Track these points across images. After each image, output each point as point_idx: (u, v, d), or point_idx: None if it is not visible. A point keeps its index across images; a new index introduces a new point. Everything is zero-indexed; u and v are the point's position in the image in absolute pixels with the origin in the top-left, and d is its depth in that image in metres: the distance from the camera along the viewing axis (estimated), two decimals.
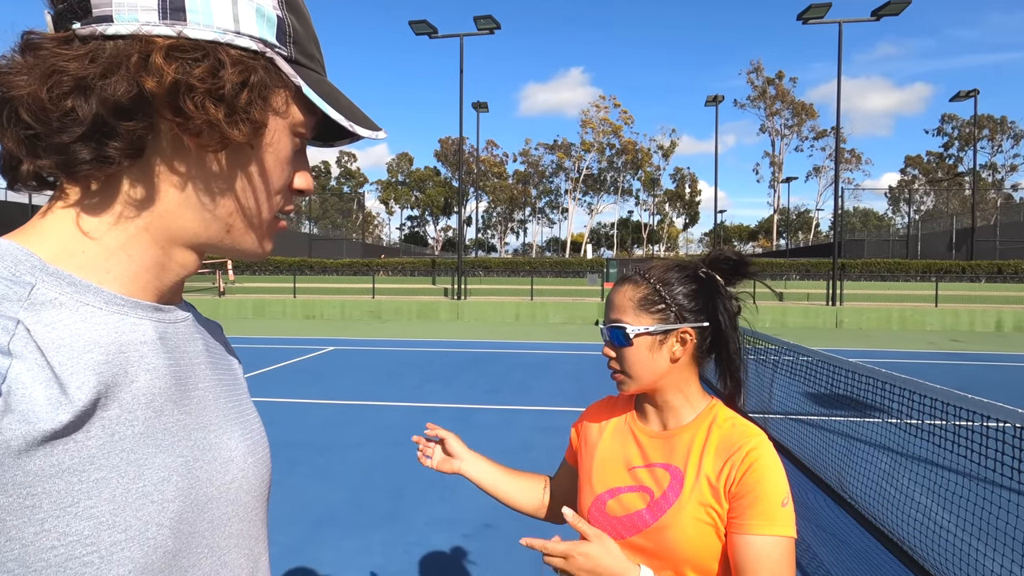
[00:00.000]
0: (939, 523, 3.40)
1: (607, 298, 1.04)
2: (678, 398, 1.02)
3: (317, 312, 18.56)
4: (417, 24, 19.65)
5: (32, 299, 0.42)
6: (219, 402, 0.56)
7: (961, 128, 51.96)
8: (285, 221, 0.57)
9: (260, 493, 0.58)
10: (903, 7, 17.49)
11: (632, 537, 0.97)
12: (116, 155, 0.44)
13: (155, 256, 0.49)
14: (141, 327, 0.48)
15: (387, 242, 62.35)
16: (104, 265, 0.47)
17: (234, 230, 0.51)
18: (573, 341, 12.99)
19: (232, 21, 0.46)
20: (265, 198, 0.52)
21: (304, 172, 0.55)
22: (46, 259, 0.45)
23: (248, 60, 0.46)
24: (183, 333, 0.54)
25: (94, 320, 0.45)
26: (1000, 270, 21.90)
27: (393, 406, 6.58)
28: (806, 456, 4.65)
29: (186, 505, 0.47)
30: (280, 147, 0.51)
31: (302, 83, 0.49)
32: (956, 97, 27.64)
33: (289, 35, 0.49)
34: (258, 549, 0.58)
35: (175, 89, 0.43)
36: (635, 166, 57.35)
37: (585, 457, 1.11)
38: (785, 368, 5.73)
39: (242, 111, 0.46)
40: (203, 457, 0.51)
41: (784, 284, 21.88)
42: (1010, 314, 16.56)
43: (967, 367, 9.93)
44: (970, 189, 33.55)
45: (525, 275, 23.92)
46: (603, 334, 1.03)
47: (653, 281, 1.01)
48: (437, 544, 3.27)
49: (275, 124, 0.50)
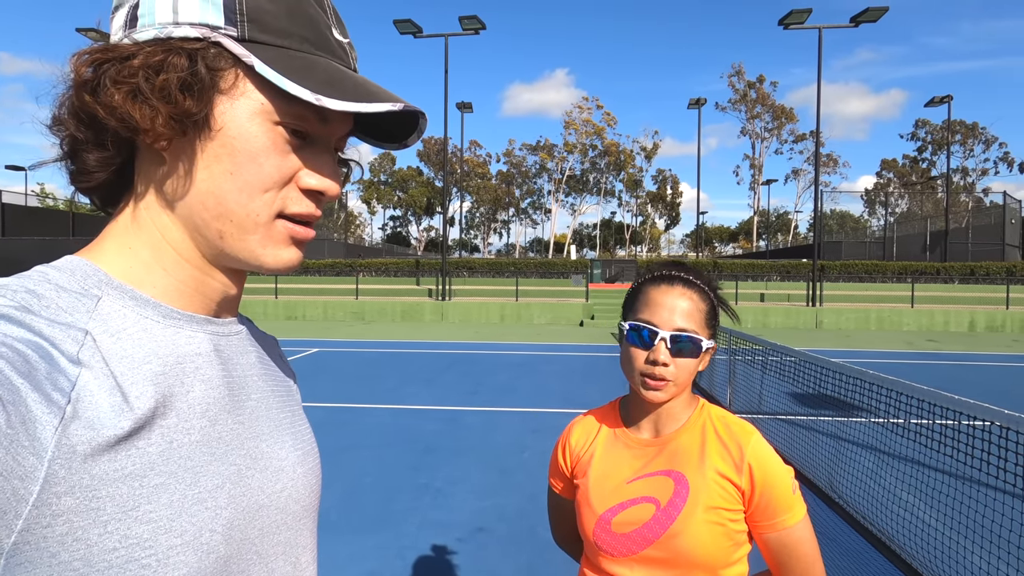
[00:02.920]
0: (925, 520, 3.46)
1: (660, 300, 0.98)
2: (679, 403, 1.02)
3: (299, 313, 18.33)
4: (402, 23, 19.55)
5: (98, 311, 0.44)
6: (271, 412, 0.57)
7: (935, 133, 53.31)
8: (304, 229, 0.51)
9: (309, 503, 0.58)
10: (881, 14, 17.92)
11: (645, 551, 0.95)
12: (92, 166, 0.47)
13: (188, 271, 0.50)
14: (196, 339, 0.50)
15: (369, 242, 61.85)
16: (149, 279, 0.49)
17: (226, 236, 0.48)
18: (558, 342, 13.04)
19: (171, 13, 0.45)
20: (246, 196, 0.47)
21: (315, 171, 0.50)
22: (110, 273, 0.47)
23: (190, 49, 0.45)
24: (236, 346, 0.55)
25: (153, 332, 0.47)
26: (972, 271, 22.50)
27: (379, 408, 6.53)
28: (795, 457, 4.73)
29: (238, 512, 0.48)
30: (246, 136, 0.47)
31: (255, 61, 0.45)
32: (930, 103, 28.34)
33: (240, 13, 0.46)
34: (305, 559, 0.58)
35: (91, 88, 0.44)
36: (618, 167, 57.72)
37: (580, 479, 1.07)
38: (772, 369, 5.82)
39: (157, 96, 0.44)
40: (255, 466, 0.51)
41: (765, 285, 22.21)
42: (983, 314, 17.06)
43: (943, 367, 10.18)
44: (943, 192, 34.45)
45: (510, 276, 23.89)
46: (667, 340, 0.96)
47: (713, 296, 1.03)
48: (430, 548, 3.24)
49: (230, 109, 0.46)
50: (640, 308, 1.00)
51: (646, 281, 1.04)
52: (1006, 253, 26.94)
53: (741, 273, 23.79)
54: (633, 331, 0.99)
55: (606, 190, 60.07)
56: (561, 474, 1.13)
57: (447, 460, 4.74)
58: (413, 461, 4.71)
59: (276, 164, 0.48)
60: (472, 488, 4.12)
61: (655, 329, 0.97)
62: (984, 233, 28.71)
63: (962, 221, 31.40)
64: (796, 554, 0.95)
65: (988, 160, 52.95)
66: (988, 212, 31.16)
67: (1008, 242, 27.27)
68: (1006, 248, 27.11)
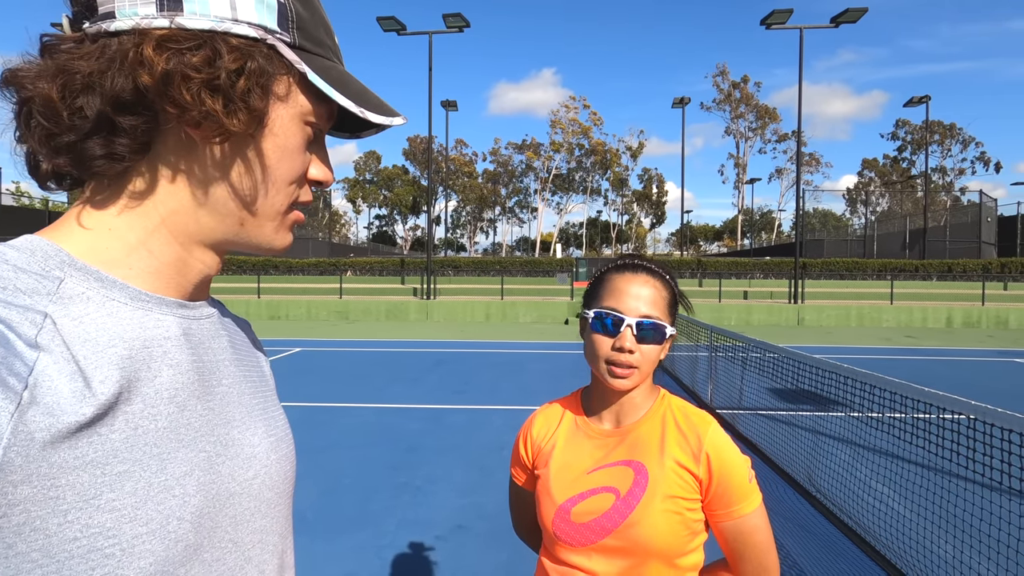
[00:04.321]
0: (897, 511, 3.52)
1: (625, 288, 0.98)
2: (641, 393, 1.03)
3: (283, 312, 18.16)
4: (385, 20, 19.44)
5: (60, 293, 0.43)
6: (243, 398, 0.56)
7: (914, 133, 54.30)
8: (301, 213, 0.56)
9: (284, 490, 0.58)
10: (860, 15, 18.18)
11: (603, 540, 0.95)
12: (123, 151, 0.45)
13: (176, 253, 0.50)
14: (165, 323, 0.49)
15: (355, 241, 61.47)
16: (126, 261, 0.48)
17: (247, 223, 0.51)
18: (544, 340, 13.07)
19: (229, 8, 0.46)
20: (276, 189, 0.51)
21: (320, 163, 0.54)
22: (74, 255, 0.46)
23: (246, 47, 0.46)
24: (208, 329, 0.54)
25: (119, 315, 0.45)
26: (950, 269, 22.95)
27: (362, 407, 6.50)
28: (774, 451, 4.78)
29: (207, 500, 0.47)
30: (288, 136, 0.50)
31: (307, 69, 0.48)
32: (909, 103, 28.85)
33: (292, 20, 0.48)
34: (283, 545, 0.57)
35: (168, 80, 0.43)
36: (604, 166, 57.93)
37: (541, 470, 1.07)
38: (753, 365, 5.88)
39: (239, 99, 0.45)
40: (225, 453, 0.51)
41: (749, 283, 22.45)
42: (959, 311, 17.40)
43: (921, 361, 10.37)
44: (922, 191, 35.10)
45: (495, 274, 23.88)
46: (632, 327, 0.96)
47: (674, 284, 1.04)
48: (409, 546, 3.23)
49: (279, 112, 0.49)
50: (604, 296, 0.99)
51: (609, 270, 1.03)
52: (982, 251, 27.51)
53: (725, 271, 24.02)
54: (598, 319, 0.98)
55: (592, 189, 60.28)
56: (523, 465, 1.12)
57: (428, 459, 4.72)
58: (394, 460, 4.68)
59: (302, 160, 0.52)
60: (453, 486, 4.11)
61: (621, 316, 0.96)
62: (961, 231, 29.28)
63: (940, 220, 31.95)
64: (751, 542, 0.96)
65: (965, 160, 54.04)
66: (965, 211, 31.73)
67: (984, 240, 27.84)
68: (982, 246, 27.67)
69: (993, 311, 17.33)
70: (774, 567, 0.98)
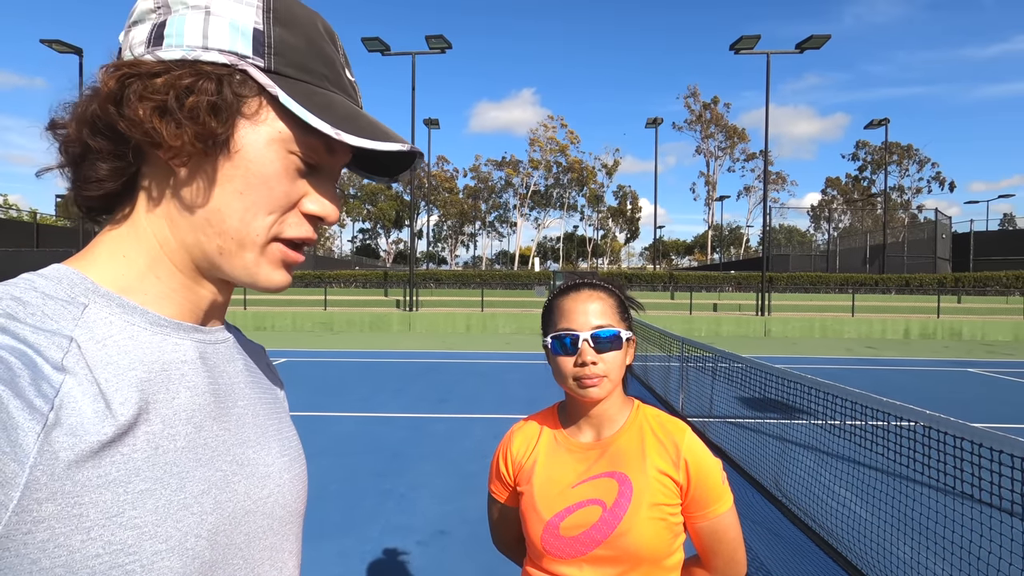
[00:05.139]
0: (858, 514, 3.61)
1: (573, 307, 1.03)
2: (615, 405, 1.06)
3: (268, 323, 18.03)
4: (370, 41, 19.60)
5: (84, 319, 0.45)
6: (258, 419, 0.57)
7: (874, 154, 56.32)
8: (296, 253, 0.53)
9: (295, 509, 0.59)
10: (823, 41, 18.94)
11: (593, 551, 0.98)
12: (104, 174, 0.48)
13: (180, 279, 0.51)
14: (182, 347, 0.50)
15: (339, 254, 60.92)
16: (140, 287, 0.49)
17: (224, 252, 0.50)
18: (523, 351, 13.14)
19: (201, 38, 0.47)
20: (251, 215, 0.49)
21: (319, 197, 0.52)
22: (97, 282, 0.48)
23: (215, 73, 0.46)
24: (223, 353, 0.56)
25: (139, 339, 0.47)
26: (908, 283, 23.90)
27: (345, 416, 6.52)
28: (743, 458, 4.85)
29: (223, 518, 0.49)
30: (262, 162, 0.49)
31: (279, 91, 0.47)
32: (870, 125, 29.90)
33: (269, 47, 0.48)
34: (291, 564, 0.58)
35: (117, 100, 0.45)
36: (580, 183, 58.76)
37: (523, 486, 1.07)
38: (723, 375, 5.87)
39: (187, 117, 0.45)
40: (241, 472, 0.52)
41: (718, 296, 23.07)
42: (916, 323, 18.04)
43: (880, 371, 10.69)
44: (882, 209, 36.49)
45: (476, 287, 24.06)
46: (589, 340, 1.00)
47: (618, 292, 1.09)
48: (392, 552, 3.27)
49: (250, 135, 0.48)
50: (557, 320, 1.04)
51: (555, 296, 1.09)
52: (938, 266, 28.56)
53: (696, 284, 24.65)
54: (556, 341, 1.02)
55: (569, 205, 61.05)
56: (503, 482, 1.13)
57: (412, 466, 4.76)
58: (379, 468, 4.71)
59: (285, 190, 0.50)
60: (435, 493, 4.15)
61: (576, 333, 1.00)
62: (918, 247, 30.27)
63: (899, 236, 33.12)
64: (724, 539, 1.02)
65: (922, 179, 56.54)
66: (922, 228, 32.84)
67: (940, 255, 28.93)
68: (938, 261, 28.74)
69: (947, 323, 17.98)
70: (742, 560, 1.05)
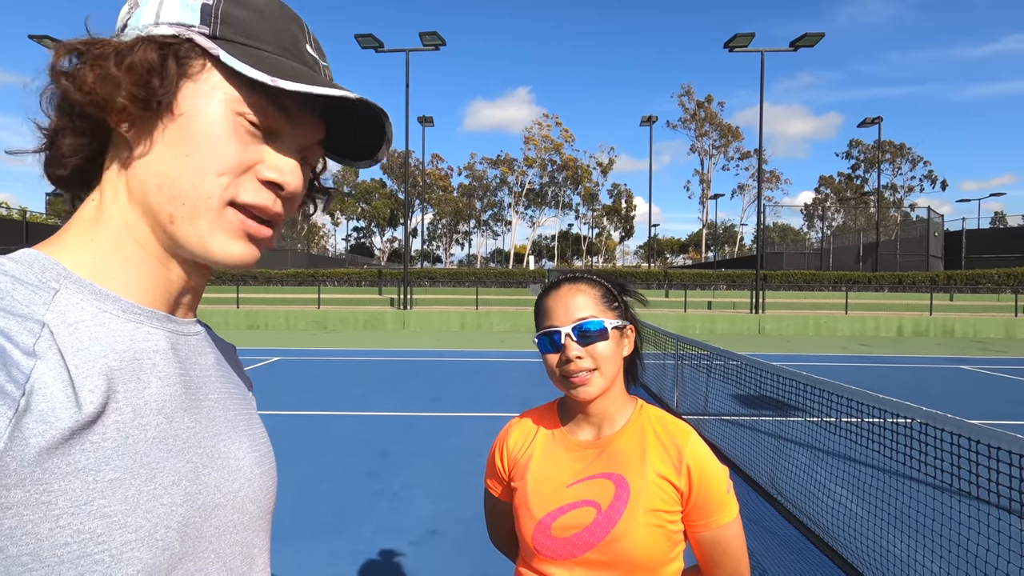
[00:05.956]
0: (854, 512, 3.61)
1: (555, 304, 1.01)
2: (616, 402, 1.02)
3: (261, 322, 17.98)
4: (363, 38, 19.59)
5: (56, 304, 0.44)
6: (228, 414, 0.57)
7: (867, 152, 56.77)
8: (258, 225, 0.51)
9: (265, 504, 0.59)
10: (818, 39, 19.10)
11: (585, 554, 0.94)
12: (66, 151, 0.49)
13: (146, 260, 0.50)
14: (154, 336, 0.50)
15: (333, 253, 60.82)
16: (109, 270, 0.49)
17: (176, 219, 0.48)
18: (517, 349, 13.17)
19: (154, 16, 0.49)
20: (199, 177, 0.48)
21: (275, 163, 0.51)
22: (68, 267, 0.47)
23: (164, 42, 0.48)
24: (195, 346, 0.55)
25: (111, 327, 0.46)
26: (900, 281, 24.11)
27: (339, 415, 6.49)
28: (738, 456, 4.87)
29: (193, 510, 0.48)
30: (207, 122, 0.48)
31: (220, 51, 0.47)
32: (863, 123, 30.20)
33: (216, 16, 0.49)
34: (261, 560, 0.58)
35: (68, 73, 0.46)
36: (575, 182, 58.91)
37: (517, 482, 1.04)
38: (717, 373, 5.90)
39: (125, 76, 0.46)
40: (212, 464, 0.52)
41: (713, 294, 23.18)
42: (909, 320, 18.23)
43: (874, 368, 10.77)
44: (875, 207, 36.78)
45: (470, 285, 24.07)
46: (571, 335, 0.97)
47: (603, 282, 1.05)
48: (384, 552, 3.25)
49: (194, 97, 0.48)
50: (542, 319, 1.02)
51: (539, 298, 1.07)
52: (930, 264, 28.80)
53: (690, 282, 24.77)
54: (543, 337, 1.00)
55: (564, 203, 61.16)
56: (499, 477, 1.10)
57: (405, 465, 4.73)
58: (371, 467, 4.68)
59: (235, 151, 0.49)
60: (428, 492, 4.13)
61: (557, 329, 0.98)
62: (911, 245, 30.53)
63: (891, 234, 33.41)
64: (727, 551, 0.97)
65: (915, 178, 56.86)
66: (914, 226, 33.13)
67: (932, 253, 29.18)
68: (930, 259, 28.98)
69: (940, 320, 18.16)
70: (746, 573, 1.00)
